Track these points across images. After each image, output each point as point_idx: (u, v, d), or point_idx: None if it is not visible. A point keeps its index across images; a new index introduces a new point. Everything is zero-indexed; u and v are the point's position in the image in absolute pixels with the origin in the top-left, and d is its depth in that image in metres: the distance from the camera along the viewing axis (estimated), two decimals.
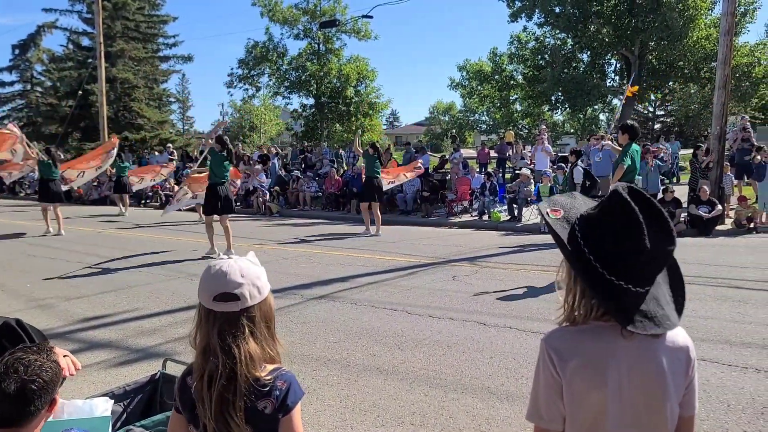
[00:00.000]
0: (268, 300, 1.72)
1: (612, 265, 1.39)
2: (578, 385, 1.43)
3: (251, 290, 1.64)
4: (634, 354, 1.43)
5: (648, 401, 1.43)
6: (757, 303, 6.42)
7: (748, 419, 3.72)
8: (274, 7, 31.14)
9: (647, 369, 1.43)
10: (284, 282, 7.95)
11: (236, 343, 1.60)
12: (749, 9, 25.00)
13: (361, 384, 4.47)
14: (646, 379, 1.43)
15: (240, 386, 1.59)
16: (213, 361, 1.61)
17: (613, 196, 1.41)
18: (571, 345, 1.46)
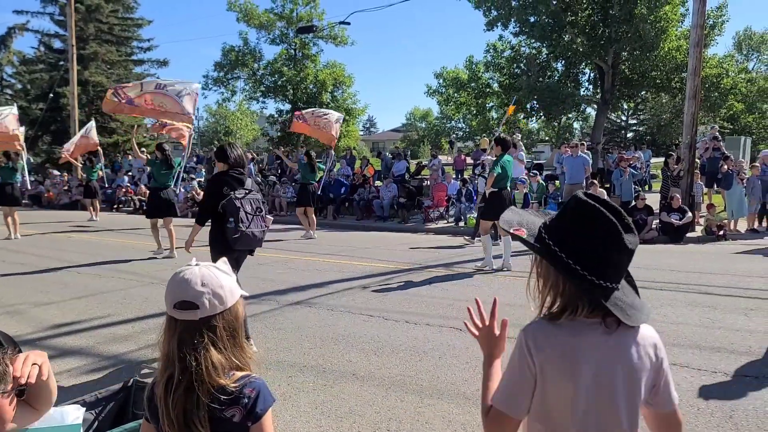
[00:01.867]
0: (234, 309, 1.67)
1: (594, 268, 1.45)
2: (551, 374, 1.49)
3: (212, 299, 1.60)
4: (610, 350, 1.49)
5: (619, 397, 1.49)
6: (726, 309, 6.55)
7: (717, 422, 3.79)
8: (250, 12, 31.06)
9: (623, 365, 1.49)
10: (260, 288, 7.89)
11: (194, 353, 1.57)
12: (717, 22, 25.57)
13: (337, 390, 4.45)
14: (620, 374, 1.49)
15: (201, 396, 1.56)
16: (171, 368, 1.59)
17: (583, 204, 1.48)
18: (547, 336, 1.52)
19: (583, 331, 1.50)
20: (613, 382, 1.48)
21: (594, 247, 1.46)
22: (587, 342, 1.49)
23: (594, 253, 1.46)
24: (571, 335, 1.50)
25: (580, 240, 1.47)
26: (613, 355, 1.49)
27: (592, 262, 1.45)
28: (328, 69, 32.41)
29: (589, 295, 1.47)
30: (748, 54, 53.66)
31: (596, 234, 1.46)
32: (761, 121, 40.06)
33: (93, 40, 34.90)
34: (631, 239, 1.47)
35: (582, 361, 1.47)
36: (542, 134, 44.32)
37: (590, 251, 1.46)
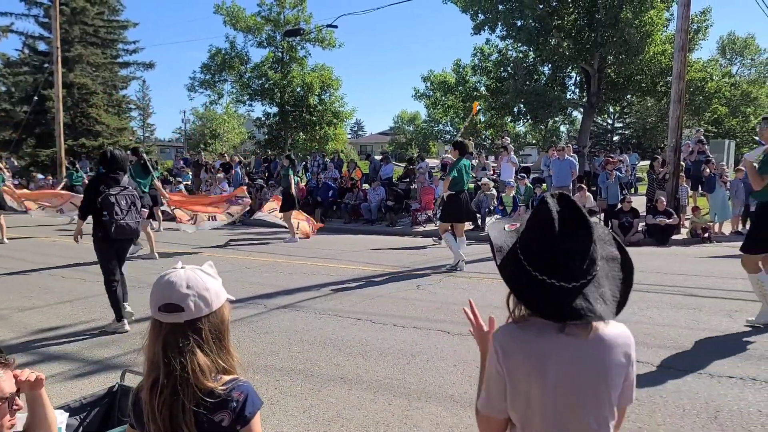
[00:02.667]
0: (220, 312, 1.66)
1: (536, 263, 1.50)
2: (519, 377, 1.53)
3: (197, 302, 1.59)
4: (577, 350, 1.50)
5: (587, 395, 1.51)
6: (711, 310, 6.61)
7: (702, 423, 3.82)
8: (237, 16, 30.98)
9: (589, 365, 1.50)
10: (247, 291, 7.85)
11: (180, 356, 1.56)
12: (701, 27, 25.89)
13: (325, 394, 4.44)
14: (587, 374, 1.50)
15: (186, 400, 1.55)
16: (157, 372, 1.57)
17: (540, 202, 1.54)
18: (514, 340, 1.55)
19: (550, 331, 1.51)
20: (582, 382, 1.50)
21: (537, 243, 1.50)
22: (554, 342, 1.51)
23: (537, 250, 1.50)
24: (537, 336, 1.52)
25: (529, 239, 1.53)
26: (582, 355, 1.50)
27: (537, 259, 1.49)
28: (315, 72, 32.39)
29: (541, 294, 1.48)
30: (732, 58, 54.31)
31: (536, 229, 1.51)
32: (744, 125, 40.59)
33: (78, 43, 34.66)
34: (568, 230, 1.46)
35: (548, 362, 1.50)
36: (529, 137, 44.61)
37: (536, 249, 1.50)
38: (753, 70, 54.74)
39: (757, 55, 54.99)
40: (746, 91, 41.15)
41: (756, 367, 4.75)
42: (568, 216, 1.48)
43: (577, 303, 1.46)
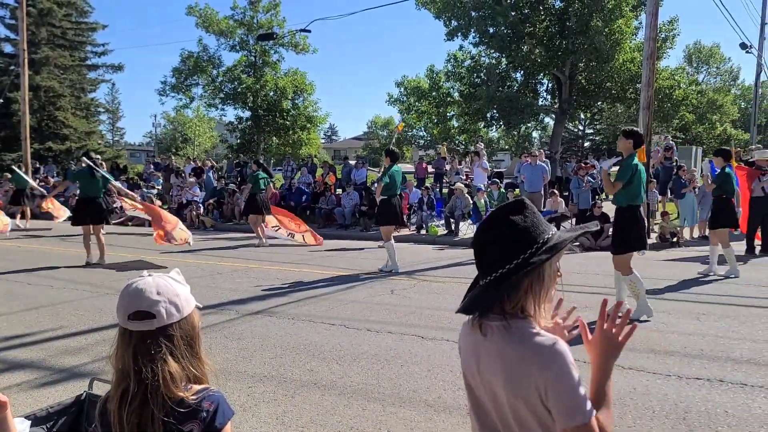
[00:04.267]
0: (191, 318, 1.64)
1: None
2: (464, 373, 1.66)
3: (168, 308, 1.57)
4: (488, 349, 1.55)
5: (501, 398, 1.54)
6: (679, 314, 6.73)
7: (671, 424, 3.88)
8: (210, 18, 30.72)
9: (500, 367, 1.52)
10: (219, 297, 7.76)
11: (151, 364, 1.52)
12: (669, 36, 26.41)
13: (298, 400, 4.40)
14: (500, 376, 1.52)
15: (155, 409, 1.52)
16: (127, 382, 1.54)
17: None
18: (461, 339, 1.69)
19: (473, 331, 1.60)
20: (494, 384, 1.53)
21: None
22: (469, 340, 1.63)
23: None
24: (466, 335, 1.65)
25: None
26: (493, 357, 1.53)
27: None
28: (288, 76, 32.25)
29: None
30: (698, 67, 55.66)
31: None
32: (711, 132, 41.54)
33: (45, 45, 34.01)
34: (480, 232, 1.60)
35: (470, 361, 1.61)
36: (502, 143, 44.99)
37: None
38: (718, 78, 56.21)
39: (721, 64, 56.51)
40: (712, 98, 42.15)
41: (722, 369, 4.84)
42: (488, 218, 1.60)
43: (467, 298, 1.62)
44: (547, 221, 1.62)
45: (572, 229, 1.65)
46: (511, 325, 1.52)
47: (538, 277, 1.53)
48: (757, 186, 11.15)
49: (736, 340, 5.64)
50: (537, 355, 1.46)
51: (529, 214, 1.56)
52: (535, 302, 1.55)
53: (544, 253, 1.51)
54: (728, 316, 6.55)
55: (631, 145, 6.58)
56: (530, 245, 1.52)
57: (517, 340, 1.50)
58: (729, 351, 5.30)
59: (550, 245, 1.53)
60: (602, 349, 1.57)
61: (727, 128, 43.19)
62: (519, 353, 1.49)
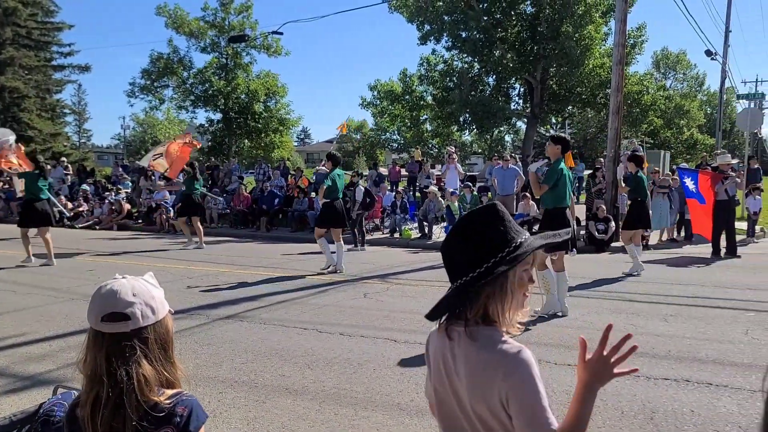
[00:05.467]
0: (165, 322, 1.62)
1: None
2: (431, 375, 1.67)
3: (144, 310, 1.54)
4: (454, 354, 1.56)
5: (465, 405, 1.54)
6: (648, 315, 6.84)
7: (639, 424, 3.93)
8: (180, 19, 30.34)
9: (459, 369, 1.53)
10: (189, 302, 7.66)
11: (126, 367, 1.49)
12: (638, 42, 26.90)
13: (270, 405, 4.35)
14: (463, 382, 1.53)
15: (129, 413, 1.48)
16: (100, 386, 1.50)
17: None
18: (430, 342, 1.70)
19: (440, 335, 1.61)
20: (459, 388, 1.54)
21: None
22: (437, 344, 1.64)
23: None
24: (434, 339, 1.67)
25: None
26: (459, 361, 1.53)
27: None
28: (260, 79, 32.02)
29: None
30: (666, 72, 56.87)
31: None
32: (678, 136, 42.41)
33: (10, 45, 33.25)
34: (449, 238, 1.60)
35: (437, 365, 1.62)
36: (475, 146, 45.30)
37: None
38: (685, 84, 57.48)
39: (688, 70, 57.82)
40: (679, 104, 43.00)
41: (689, 369, 4.93)
42: (457, 224, 1.61)
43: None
44: (519, 224, 1.62)
45: (543, 236, 1.63)
46: (476, 331, 1.51)
47: (501, 286, 1.52)
48: (721, 189, 11.40)
49: (703, 340, 5.75)
50: (501, 363, 1.45)
51: (498, 220, 1.55)
52: (498, 310, 1.53)
53: (506, 263, 1.49)
54: (695, 318, 6.67)
55: (559, 151, 6.94)
56: (496, 253, 1.51)
57: (481, 346, 1.50)
58: (696, 351, 5.40)
59: (517, 254, 1.51)
60: (594, 373, 1.51)
61: (694, 133, 44.14)
62: (483, 359, 1.48)
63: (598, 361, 1.52)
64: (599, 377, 1.51)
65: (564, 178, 6.87)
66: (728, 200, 11.49)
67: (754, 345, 5.58)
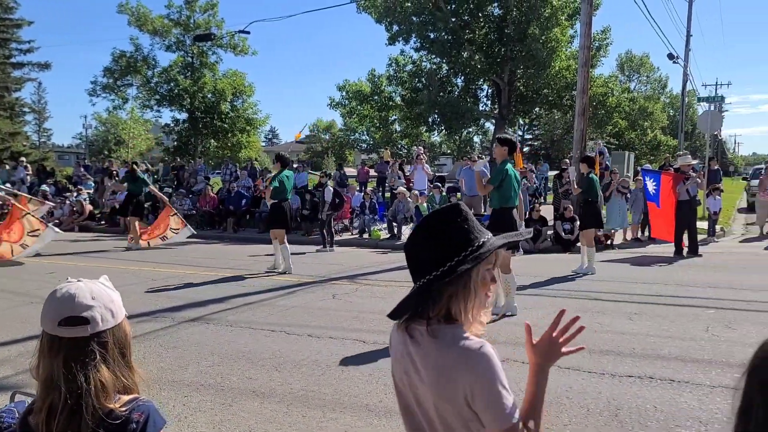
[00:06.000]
0: (123, 326, 1.58)
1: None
2: (394, 373, 1.66)
3: (103, 313, 1.50)
4: (415, 352, 1.55)
5: (428, 402, 1.53)
6: (613, 314, 6.95)
7: (604, 421, 3.98)
8: (143, 17, 29.79)
9: (421, 368, 1.52)
10: (153, 304, 7.51)
11: (84, 372, 1.44)
12: (603, 44, 27.45)
13: (236, 408, 4.29)
14: (425, 379, 1.52)
15: (86, 421, 1.43)
16: (56, 392, 1.45)
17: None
18: (392, 341, 1.69)
19: (402, 334, 1.61)
20: (421, 386, 1.53)
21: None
22: (398, 343, 1.62)
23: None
24: (396, 338, 1.65)
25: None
26: (420, 360, 1.53)
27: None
28: (227, 78, 31.67)
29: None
30: (630, 75, 58.03)
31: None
32: (642, 138, 43.32)
33: None
34: (412, 237, 1.59)
35: (399, 364, 1.62)
36: (444, 147, 45.58)
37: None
38: (648, 86, 58.74)
39: (651, 73, 59.11)
40: (643, 106, 43.95)
41: (652, 366, 5.02)
42: (420, 223, 1.59)
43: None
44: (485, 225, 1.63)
45: (506, 236, 1.64)
46: (438, 329, 1.51)
47: (464, 284, 1.52)
48: (682, 189, 11.65)
49: (666, 338, 5.86)
50: (463, 358, 1.46)
51: (461, 220, 1.55)
52: (461, 309, 1.53)
53: (469, 262, 1.50)
54: (659, 316, 6.80)
55: (505, 152, 7.07)
56: (459, 251, 1.51)
57: (443, 343, 1.50)
58: (659, 349, 5.50)
59: (480, 252, 1.52)
60: (543, 354, 1.59)
61: (657, 134, 45.15)
62: (445, 356, 1.48)
63: (547, 342, 1.61)
64: (548, 357, 1.61)
65: (510, 178, 6.99)
66: (690, 200, 11.74)
67: (714, 342, 5.70)
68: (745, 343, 5.57)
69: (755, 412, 0.96)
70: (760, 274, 9.31)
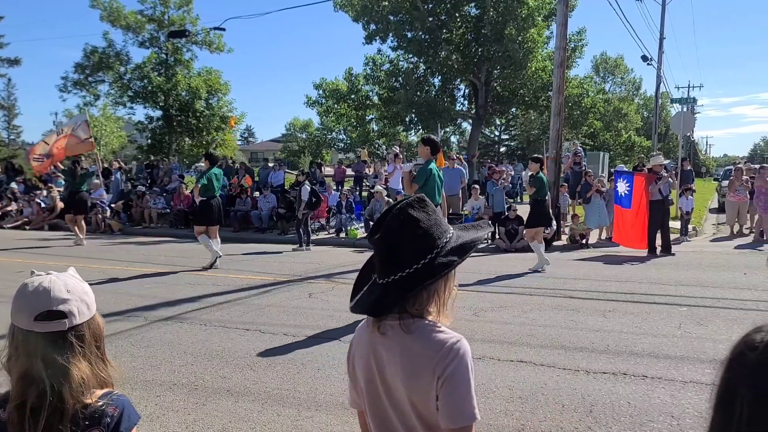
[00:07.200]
0: (97, 318, 1.56)
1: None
2: (358, 372, 1.61)
3: (80, 306, 1.48)
4: (387, 348, 1.52)
5: (394, 397, 1.52)
6: (587, 311, 7.01)
7: (579, 417, 4.01)
8: (116, 12, 29.30)
9: (394, 362, 1.50)
10: (126, 304, 7.39)
11: (63, 367, 1.42)
12: (578, 45, 27.73)
13: (210, 408, 4.23)
14: (393, 375, 1.50)
15: (67, 415, 1.41)
16: (36, 388, 1.41)
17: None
18: (355, 337, 1.67)
19: (367, 329, 1.58)
20: (394, 381, 1.50)
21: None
22: (365, 340, 1.58)
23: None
24: (360, 333, 1.63)
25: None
26: (393, 354, 1.50)
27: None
28: (202, 75, 31.32)
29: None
30: (605, 76, 58.75)
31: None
32: (617, 138, 43.92)
33: None
34: (382, 230, 1.52)
35: (357, 359, 1.60)
36: None
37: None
38: (622, 87, 59.55)
39: (625, 74, 59.93)
40: (617, 107, 44.58)
41: (626, 362, 5.06)
42: (390, 217, 1.53)
43: (362, 295, 1.60)
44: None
45: (465, 227, 1.63)
46: (411, 323, 1.49)
47: (445, 279, 1.50)
48: (655, 189, 11.81)
49: (639, 335, 5.92)
50: (438, 351, 1.44)
51: (431, 212, 1.53)
52: (439, 303, 1.52)
53: (451, 255, 1.48)
54: (632, 313, 6.87)
55: (428, 152, 7.37)
56: (433, 246, 1.48)
57: (419, 337, 1.47)
58: (632, 345, 5.56)
59: (457, 245, 1.50)
60: None
61: (632, 135, 45.82)
62: (421, 349, 1.46)
63: None
64: None
65: (433, 177, 7.28)
66: (662, 200, 11.90)
67: (687, 338, 5.78)
68: (716, 339, 5.66)
69: (739, 406, 0.88)
70: (730, 272, 9.48)
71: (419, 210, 1.52)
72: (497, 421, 3.96)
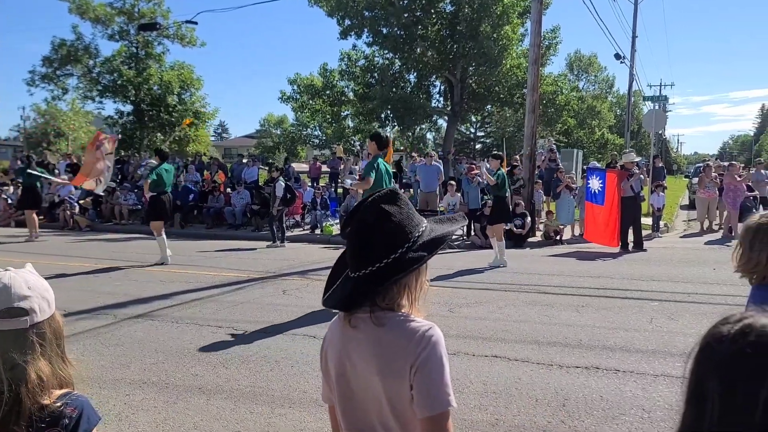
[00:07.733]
0: (57, 316, 1.50)
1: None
2: (330, 367, 1.58)
3: (41, 303, 1.43)
4: (359, 341, 1.49)
5: (369, 391, 1.49)
6: (561, 306, 7.06)
7: (552, 411, 4.02)
8: (85, 5, 28.65)
9: (367, 356, 1.48)
10: (94, 301, 7.23)
11: (25, 364, 1.37)
12: (552, 43, 27.91)
13: (181, 406, 4.15)
14: (367, 368, 1.48)
15: (24, 416, 1.35)
16: None
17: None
18: (328, 333, 1.63)
19: (339, 323, 1.56)
20: (368, 374, 1.48)
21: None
22: (337, 334, 1.56)
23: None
24: (333, 328, 1.61)
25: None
26: (366, 347, 1.48)
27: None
28: (174, 70, 30.84)
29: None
30: (579, 74, 59.34)
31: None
32: (590, 136, 44.42)
33: None
34: (354, 223, 1.51)
35: (330, 353, 1.57)
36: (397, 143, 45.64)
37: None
38: (596, 85, 60.23)
39: (599, 72, 60.61)
40: (591, 105, 45.06)
41: (599, 357, 5.11)
42: (362, 210, 1.51)
43: (335, 290, 1.58)
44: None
45: (440, 220, 1.61)
46: (383, 316, 1.47)
47: (416, 271, 1.49)
48: (627, 186, 11.96)
49: (611, 329, 5.98)
50: (411, 340, 1.43)
51: (403, 205, 1.51)
52: (411, 296, 1.51)
53: (421, 250, 1.46)
54: (605, 308, 6.95)
55: (375, 147, 7.45)
56: (406, 239, 1.47)
57: (390, 328, 1.46)
58: (605, 340, 5.61)
59: (428, 239, 1.49)
60: None
61: (605, 133, 46.37)
62: (393, 339, 1.44)
63: None
64: None
65: (381, 172, 7.35)
66: (634, 196, 12.05)
67: (658, 332, 5.85)
68: (686, 333, 5.74)
69: (711, 400, 0.87)
70: (700, 268, 9.64)
71: (391, 204, 1.50)
72: (471, 415, 3.95)
